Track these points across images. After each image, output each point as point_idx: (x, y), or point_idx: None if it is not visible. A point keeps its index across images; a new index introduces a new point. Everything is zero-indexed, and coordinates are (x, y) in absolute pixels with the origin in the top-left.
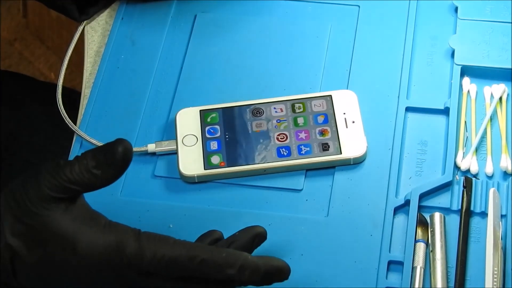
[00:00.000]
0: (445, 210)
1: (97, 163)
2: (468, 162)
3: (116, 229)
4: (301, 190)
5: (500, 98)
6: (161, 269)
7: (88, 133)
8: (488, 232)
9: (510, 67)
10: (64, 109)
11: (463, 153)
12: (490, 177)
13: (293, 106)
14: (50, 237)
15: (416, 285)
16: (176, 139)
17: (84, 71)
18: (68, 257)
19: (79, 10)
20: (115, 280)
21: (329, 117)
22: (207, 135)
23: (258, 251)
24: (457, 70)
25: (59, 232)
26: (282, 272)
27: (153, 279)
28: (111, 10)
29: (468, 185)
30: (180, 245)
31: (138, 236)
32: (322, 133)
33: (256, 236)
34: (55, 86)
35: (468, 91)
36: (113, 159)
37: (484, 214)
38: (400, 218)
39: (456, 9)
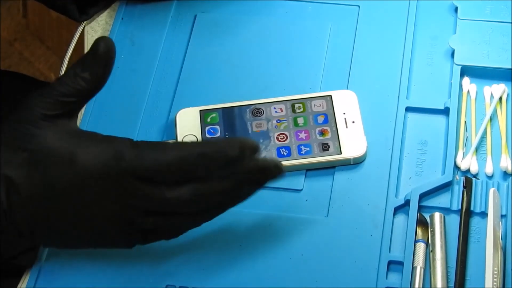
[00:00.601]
0: (445, 210)
1: (83, 66)
2: (468, 162)
3: (113, 139)
4: (301, 190)
5: (500, 98)
6: (162, 172)
7: None
8: (488, 232)
9: (510, 67)
10: None
11: (463, 153)
12: (490, 177)
13: (293, 106)
14: (47, 155)
15: (416, 285)
16: (176, 139)
17: None
18: (68, 172)
19: (79, 10)
20: (118, 191)
21: (329, 117)
22: (207, 135)
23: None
24: (457, 70)
25: (56, 148)
26: (277, 165)
27: (155, 186)
28: (111, 10)
29: (468, 185)
30: (177, 146)
31: (136, 143)
32: (322, 133)
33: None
34: None
35: (468, 91)
36: (97, 56)
37: (484, 214)
38: (400, 218)
39: (456, 9)
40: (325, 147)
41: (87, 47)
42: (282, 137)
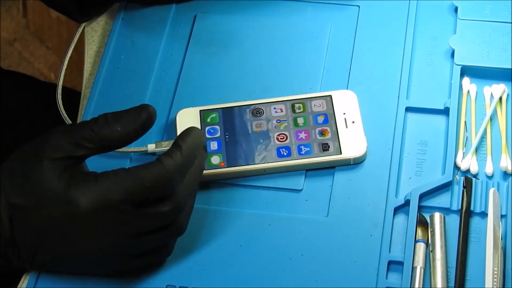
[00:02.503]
0: (445, 210)
1: (118, 118)
2: (468, 162)
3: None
4: (301, 190)
5: (500, 98)
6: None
7: None
8: (488, 232)
9: (510, 67)
10: (64, 109)
11: (463, 153)
12: (490, 177)
13: (293, 106)
14: (44, 192)
15: (416, 285)
16: None
17: (84, 71)
18: (61, 211)
19: (80, 11)
20: (108, 223)
21: (329, 117)
22: (207, 135)
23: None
24: (457, 70)
25: (52, 188)
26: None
27: (145, 207)
28: (111, 10)
29: (468, 185)
30: (154, 166)
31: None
32: (322, 133)
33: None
34: (55, 86)
35: (468, 91)
36: (137, 116)
37: (484, 214)
38: (400, 218)
39: (456, 9)
40: (325, 147)
41: (87, 47)
42: (282, 137)
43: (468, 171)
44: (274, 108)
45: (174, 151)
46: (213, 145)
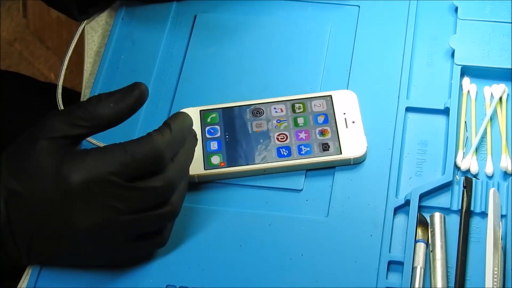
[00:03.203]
0: (445, 210)
1: (111, 96)
2: (468, 162)
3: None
4: (301, 190)
5: (500, 98)
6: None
7: None
8: (488, 232)
9: (510, 67)
10: None
11: (463, 153)
12: (490, 177)
13: (293, 106)
14: (39, 172)
15: (416, 285)
16: None
17: (84, 71)
18: (55, 187)
19: (79, 9)
20: (103, 198)
21: (329, 117)
22: (207, 135)
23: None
24: (457, 70)
25: (45, 166)
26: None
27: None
28: (111, 10)
29: (468, 185)
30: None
31: (107, 148)
32: (322, 133)
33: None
34: (55, 86)
35: (468, 91)
36: (129, 93)
37: (484, 214)
38: (400, 218)
39: (456, 9)
40: (325, 147)
41: (87, 47)
42: (282, 137)
43: (468, 171)
44: (274, 108)
45: (163, 128)
46: (213, 145)
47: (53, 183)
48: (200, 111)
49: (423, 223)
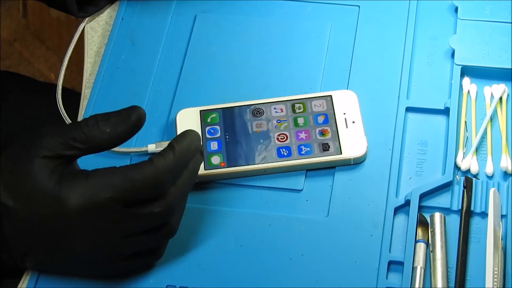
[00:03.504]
0: (445, 210)
1: (108, 120)
2: (468, 162)
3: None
4: (301, 190)
5: (500, 98)
6: (141, 191)
7: None
8: (488, 232)
9: (510, 67)
10: (64, 109)
11: (463, 153)
12: (490, 177)
13: (293, 106)
14: (36, 192)
15: (416, 285)
16: None
17: (84, 71)
18: (54, 210)
19: (78, 6)
20: (103, 222)
21: (329, 117)
22: (207, 136)
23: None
24: (457, 70)
25: (43, 186)
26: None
27: (138, 207)
28: (111, 10)
29: (468, 185)
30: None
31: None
32: (322, 133)
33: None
34: (55, 86)
35: (468, 91)
36: (126, 118)
37: (484, 214)
38: (400, 218)
39: (456, 9)
40: (325, 147)
41: (87, 47)
42: (282, 137)
43: (468, 171)
44: (274, 108)
45: (167, 151)
46: (213, 145)
47: (50, 205)
48: (200, 111)
49: (423, 223)
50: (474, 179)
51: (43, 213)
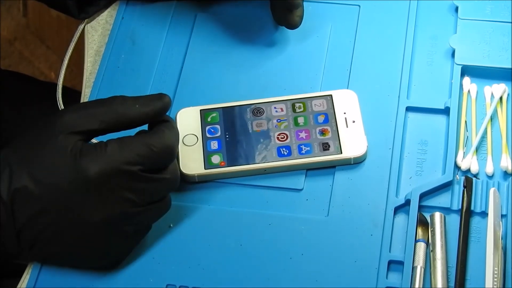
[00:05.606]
0: (446, 210)
1: (137, 98)
2: (468, 162)
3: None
4: (301, 189)
5: (501, 98)
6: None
7: None
8: (489, 232)
9: (510, 66)
10: None
11: (464, 153)
12: (490, 177)
13: (293, 105)
14: (51, 165)
15: (416, 285)
16: None
17: (84, 70)
18: (69, 179)
19: (79, 8)
20: (114, 190)
21: (329, 117)
22: (208, 135)
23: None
24: (458, 70)
25: (58, 159)
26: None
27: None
28: (111, 9)
29: (468, 185)
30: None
31: (122, 140)
32: (322, 132)
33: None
34: (55, 85)
35: (469, 91)
36: (156, 99)
37: (484, 214)
38: (401, 218)
39: (456, 9)
40: (325, 147)
41: (87, 46)
42: (282, 136)
43: (468, 170)
44: (275, 108)
45: (171, 123)
46: (214, 145)
47: (71, 175)
48: (201, 110)
49: (423, 223)
50: (474, 178)
51: (63, 186)
